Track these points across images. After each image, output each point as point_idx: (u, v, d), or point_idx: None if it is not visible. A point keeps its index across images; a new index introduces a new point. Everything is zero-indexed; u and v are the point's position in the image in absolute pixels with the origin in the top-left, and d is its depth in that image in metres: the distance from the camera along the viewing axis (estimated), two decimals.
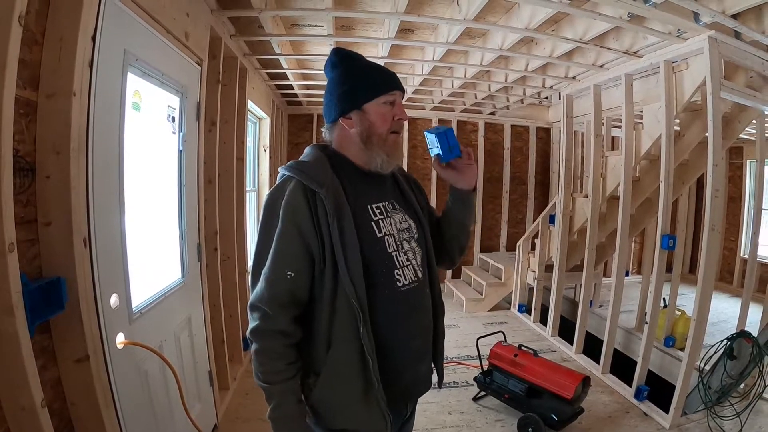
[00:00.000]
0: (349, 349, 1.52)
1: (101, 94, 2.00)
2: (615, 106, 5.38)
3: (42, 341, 1.77)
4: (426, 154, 8.57)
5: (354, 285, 1.49)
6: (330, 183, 1.55)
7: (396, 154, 1.69)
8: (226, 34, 3.91)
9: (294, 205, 1.50)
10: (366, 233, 1.58)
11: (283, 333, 1.51)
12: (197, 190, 3.36)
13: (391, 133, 1.66)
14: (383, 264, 1.60)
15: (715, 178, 3.60)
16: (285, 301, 1.51)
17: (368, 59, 1.75)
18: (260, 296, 1.51)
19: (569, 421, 3.68)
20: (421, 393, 1.79)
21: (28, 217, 1.73)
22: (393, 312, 1.61)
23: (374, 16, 4.05)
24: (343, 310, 1.51)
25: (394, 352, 1.61)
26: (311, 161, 1.62)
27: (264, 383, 1.51)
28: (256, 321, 1.51)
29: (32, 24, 1.69)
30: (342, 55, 1.72)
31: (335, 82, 1.70)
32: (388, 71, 1.71)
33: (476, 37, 4.74)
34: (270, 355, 1.51)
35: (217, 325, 3.88)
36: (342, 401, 1.56)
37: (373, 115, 1.63)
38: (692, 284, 4.53)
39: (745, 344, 3.98)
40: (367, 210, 1.64)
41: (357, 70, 1.68)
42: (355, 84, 1.65)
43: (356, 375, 1.53)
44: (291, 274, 1.50)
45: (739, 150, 9.04)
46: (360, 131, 1.64)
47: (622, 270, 4.70)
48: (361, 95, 1.63)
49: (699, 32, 3.53)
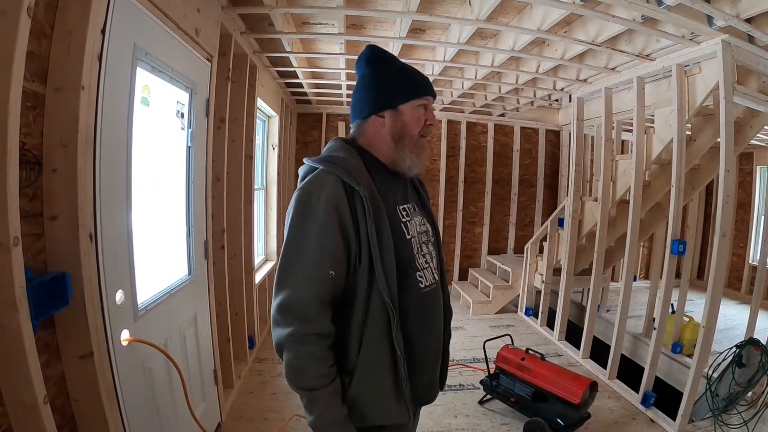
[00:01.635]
0: (381, 347, 1.53)
1: (110, 88, 1.99)
2: (626, 110, 5.34)
3: (46, 337, 1.76)
4: (435, 155, 8.58)
5: (389, 285, 1.49)
6: (367, 181, 1.53)
7: (423, 157, 1.70)
8: (236, 31, 3.90)
9: (336, 200, 1.47)
10: (398, 234, 1.58)
11: (323, 335, 1.48)
12: (205, 187, 3.35)
13: (420, 137, 1.67)
14: (410, 266, 1.61)
15: (726, 183, 3.56)
16: (327, 302, 1.49)
17: (403, 61, 1.76)
18: (297, 297, 1.46)
19: (576, 426, 3.65)
20: (431, 398, 1.79)
21: (34, 211, 1.71)
22: (417, 313, 1.62)
23: (386, 15, 4.03)
24: (377, 310, 1.51)
25: (417, 352, 1.62)
26: (345, 156, 1.59)
27: (307, 390, 1.47)
28: (292, 326, 1.44)
29: (41, 16, 1.67)
30: (379, 52, 1.72)
31: (370, 78, 1.69)
32: (424, 75, 1.72)
33: (488, 37, 4.72)
34: (311, 360, 1.46)
35: (222, 323, 3.87)
36: (376, 398, 1.56)
37: (408, 117, 1.64)
38: (700, 290, 4.51)
39: (754, 352, 3.94)
40: (396, 211, 1.64)
41: (394, 70, 1.69)
42: (392, 83, 1.65)
43: (388, 372, 1.55)
44: (333, 273, 1.48)
45: (750, 156, 8.97)
46: (392, 131, 1.64)
47: (630, 275, 4.66)
48: (399, 95, 1.64)
49: (712, 36, 3.49)
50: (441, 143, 8.57)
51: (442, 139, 8.56)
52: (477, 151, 8.81)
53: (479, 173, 8.82)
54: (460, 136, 8.67)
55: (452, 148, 8.67)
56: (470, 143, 8.75)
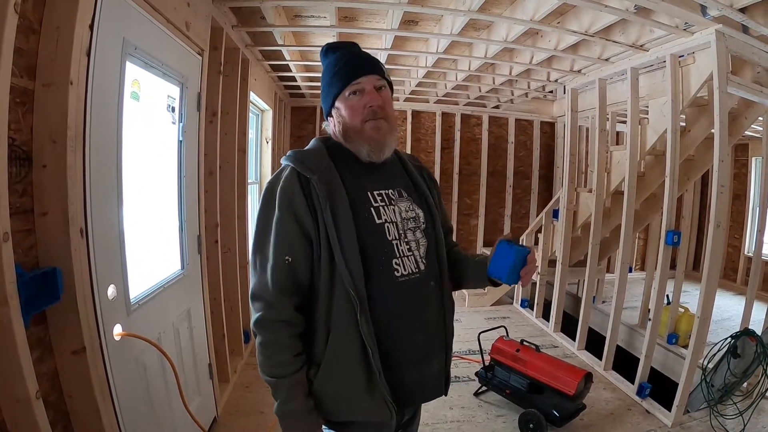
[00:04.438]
0: (349, 338, 1.48)
1: (99, 83, 1.98)
2: (620, 101, 5.33)
3: (38, 332, 1.76)
4: (430, 147, 8.58)
5: (350, 272, 1.46)
6: (324, 170, 1.53)
7: (380, 141, 1.60)
8: (227, 24, 3.88)
9: (289, 191, 1.49)
10: (363, 220, 1.54)
11: (287, 322, 1.49)
12: (197, 182, 3.34)
13: (366, 122, 1.58)
14: (381, 252, 1.55)
15: (721, 174, 3.56)
16: (287, 288, 1.49)
17: (350, 49, 1.69)
18: (261, 284, 1.50)
19: (571, 417, 3.66)
20: (428, 398, 1.73)
21: (25, 207, 1.71)
22: (392, 303, 1.55)
23: (378, 6, 4.00)
24: (341, 298, 1.48)
25: (396, 346, 1.56)
26: (308, 150, 1.63)
27: (270, 377, 1.49)
28: (259, 311, 1.49)
29: (29, 12, 1.67)
30: (324, 50, 1.70)
31: (321, 80, 1.69)
32: (355, 59, 1.64)
33: (481, 29, 4.71)
34: (275, 347, 1.49)
35: (217, 318, 3.87)
36: (345, 392, 1.53)
37: (344, 110, 1.60)
38: (696, 281, 4.52)
39: (749, 342, 3.95)
40: (366, 196, 1.59)
41: (329, 66, 1.66)
42: (325, 82, 1.65)
43: (357, 364, 1.50)
44: (289, 258, 1.48)
45: (745, 147, 8.99)
46: (339, 129, 1.62)
47: (625, 266, 4.68)
48: (330, 93, 1.63)
49: (706, 26, 3.48)
50: (436, 136, 8.57)
51: (437, 132, 8.56)
52: (472, 144, 8.80)
53: (474, 165, 8.81)
54: (454, 128, 8.67)
55: (447, 140, 8.67)
56: (465, 135, 8.74)
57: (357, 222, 1.50)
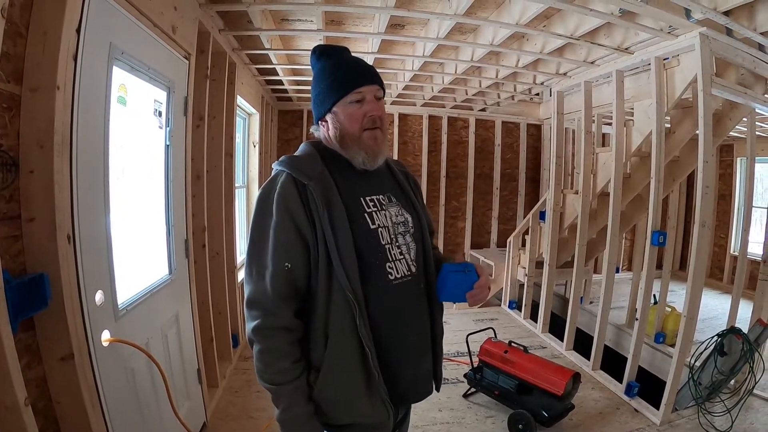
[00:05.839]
0: (348, 342, 1.50)
1: (86, 88, 1.97)
2: (606, 103, 5.39)
3: (26, 339, 1.74)
4: (417, 150, 8.60)
5: (348, 277, 1.47)
6: (319, 176, 1.54)
7: (376, 150, 1.63)
8: (214, 28, 3.87)
9: (286, 197, 1.49)
10: (359, 225, 1.56)
11: (287, 329, 1.49)
12: (185, 186, 3.32)
13: (364, 131, 1.60)
14: (376, 256, 1.57)
15: (705, 174, 3.60)
16: (286, 295, 1.49)
17: (346, 54, 1.70)
18: (259, 292, 1.49)
19: (560, 417, 3.68)
20: (420, 397, 1.75)
21: (11, 213, 1.70)
22: (387, 306, 1.58)
23: (364, 10, 4.00)
24: (339, 303, 1.49)
25: (392, 348, 1.59)
26: (302, 155, 1.63)
27: (271, 384, 1.49)
28: (257, 319, 1.48)
29: (17, 17, 1.66)
30: (317, 53, 1.70)
31: (312, 83, 1.69)
32: (357, 66, 1.66)
33: (467, 32, 4.72)
34: (275, 354, 1.48)
35: (205, 322, 3.85)
36: (345, 395, 1.54)
37: (342, 116, 1.60)
38: (682, 281, 4.54)
39: (736, 340, 3.99)
40: (359, 202, 1.61)
41: (326, 71, 1.65)
42: (324, 86, 1.64)
43: (356, 368, 1.52)
44: (288, 265, 1.48)
45: (730, 148, 9.10)
46: (335, 134, 1.63)
47: (612, 266, 4.71)
48: (330, 97, 1.62)
49: (690, 29, 3.52)
50: (422, 138, 8.61)
51: (424, 135, 8.61)
52: (459, 146, 8.85)
53: (461, 168, 8.86)
54: (441, 131, 8.71)
55: (434, 143, 8.71)
56: (452, 138, 8.78)
57: (353, 227, 1.52)
